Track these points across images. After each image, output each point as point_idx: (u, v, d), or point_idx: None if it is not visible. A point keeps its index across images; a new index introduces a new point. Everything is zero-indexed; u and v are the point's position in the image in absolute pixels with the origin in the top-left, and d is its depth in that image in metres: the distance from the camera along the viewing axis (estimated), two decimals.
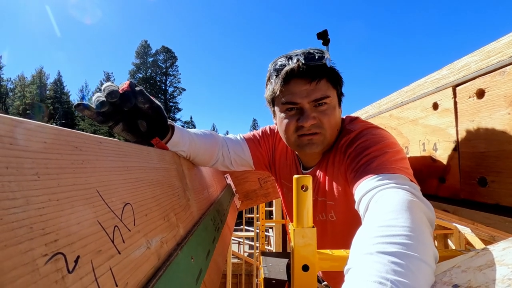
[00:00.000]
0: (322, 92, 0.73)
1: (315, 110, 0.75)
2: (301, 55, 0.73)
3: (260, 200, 1.96)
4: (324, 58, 0.73)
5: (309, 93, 0.73)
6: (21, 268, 0.21)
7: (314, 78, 0.72)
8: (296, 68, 0.73)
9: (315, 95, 0.73)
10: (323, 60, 0.73)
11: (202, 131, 0.93)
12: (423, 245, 0.38)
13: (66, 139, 0.32)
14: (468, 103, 0.67)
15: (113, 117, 0.62)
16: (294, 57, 0.74)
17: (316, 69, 0.72)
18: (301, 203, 0.53)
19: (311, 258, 0.53)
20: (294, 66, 0.73)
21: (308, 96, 0.73)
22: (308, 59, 0.72)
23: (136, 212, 0.41)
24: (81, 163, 0.33)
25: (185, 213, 0.65)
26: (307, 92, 0.73)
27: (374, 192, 0.55)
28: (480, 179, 0.65)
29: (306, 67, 0.72)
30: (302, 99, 0.73)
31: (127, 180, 0.42)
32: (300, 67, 0.72)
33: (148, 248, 0.40)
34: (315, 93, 0.73)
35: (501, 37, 0.58)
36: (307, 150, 0.78)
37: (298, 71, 0.72)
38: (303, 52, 0.74)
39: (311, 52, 0.74)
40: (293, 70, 0.73)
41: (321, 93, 0.73)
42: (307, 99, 0.73)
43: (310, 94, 0.73)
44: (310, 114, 0.74)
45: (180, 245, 0.51)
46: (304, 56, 0.73)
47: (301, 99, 0.74)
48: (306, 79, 0.73)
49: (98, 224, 0.31)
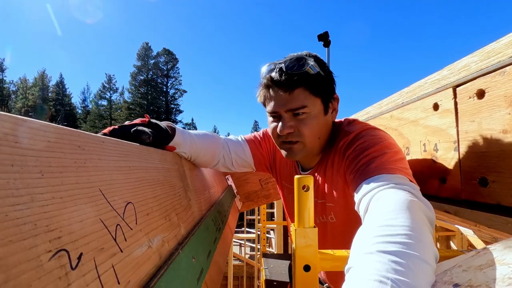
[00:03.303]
0: (299, 102, 0.73)
1: (293, 118, 0.75)
2: (284, 64, 0.73)
3: (261, 201, 1.96)
4: (305, 66, 0.72)
5: (286, 102, 0.74)
6: (25, 263, 0.21)
7: (290, 88, 0.73)
8: (275, 77, 0.73)
9: (291, 105, 0.73)
10: (304, 67, 0.72)
11: (204, 133, 0.94)
12: (423, 244, 0.38)
13: (69, 138, 0.32)
14: (469, 104, 0.68)
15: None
16: (277, 65, 0.74)
17: (292, 78, 0.72)
18: (302, 203, 0.53)
19: (313, 258, 0.53)
20: (274, 75, 0.74)
21: (285, 105, 0.74)
22: (288, 67, 0.72)
23: (137, 211, 0.41)
24: (83, 162, 0.33)
25: (186, 213, 0.66)
26: (284, 101, 0.74)
27: (373, 192, 0.55)
28: (481, 179, 0.65)
29: (284, 76, 0.72)
30: (280, 108, 0.75)
31: (129, 179, 0.43)
32: (278, 77, 0.73)
33: (149, 247, 0.41)
34: (292, 102, 0.73)
35: (501, 38, 0.58)
36: (288, 157, 0.81)
37: (276, 80, 0.73)
38: (286, 60, 0.75)
39: (293, 60, 0.73)
40: (272, 79, 0.74)
41: (297, 103, 0.73)
42: (283, 107, 0.74)
43: (287, 103, 0.73)
44: (287, 123, 0.75)
45: (181, 245, 0.52)
46: (286, 65, 0.73)
47: (279, 107, 0.75)
48: (283, 88, 0.73)
49: (101, 222, 0.31)
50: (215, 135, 0.97)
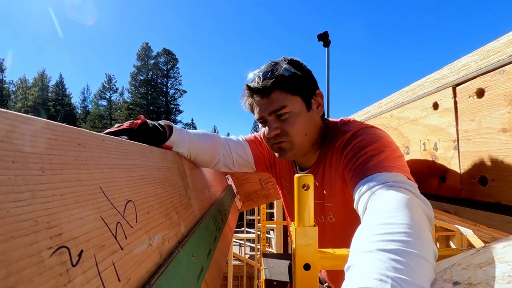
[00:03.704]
0: (277, 103, 0.76)
1: (278, 120, 0.78)
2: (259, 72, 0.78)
3: (261, 201, 1.96)
4: (277, 70, 0.76)
5: (266, 107, 0.77)
6: (27, 259, 0.21)
7: (266, 92, 0.76)
8: (252, 86, 0.78)
9: (271, 107, 0.77)
10: (276, 72, 0.76)
11: (203, 132, 0.94)
12: (422, 242, 0.39)
13: (70, 136, 0.32)
14: (468, 103, 0.68)
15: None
16: (256, 74, 0.79)
17: (268, 83, 0.75)
18: (302, 202, 0.53)
19: (313, 257, 0.53)
20: (251, 84, 0.78)
21: (266, 109, 0.77)
22: (263, 75, 0.76)
23: (138, 210, 0.41)
24: (84, 159, 0.33)
25: (187, 211, 0.66)
26: (264, 105, 0.78)
27: (372, 191, 0.55)
28: (481, 178, 0.65)
29: (259, 84, 0.76)
30: (262, 113, 0.79)
31: (129, 177, 0.43)
32: (255, 85, 0.77)
33: (150, 245, 0.41)
34: (271, 105, 0.77)
35: (501, 37, 0.58)
36: (280, 157, 0.83)
37: (254, 88, 0.77)
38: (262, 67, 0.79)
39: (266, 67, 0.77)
40: (250, 88, 0.79)
41: (276, 104, 0.76)
42: (265, 112, 0.78)
43: (267, 107, 0.77)
44: (272, 125, 0.78)
45: (182, 243, 0.52)
46: (261, 73, 0.77)
47: (262, 113, 0.79)
48: (260, 94, 0.77)
49: (101, 220, 0.32)
50: (215, 134, 0.97)
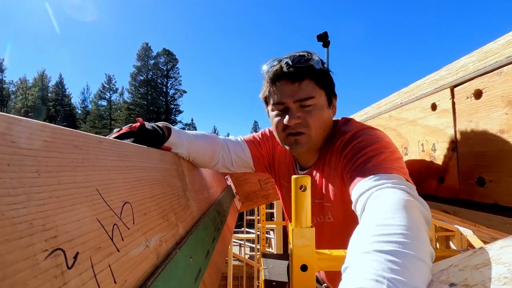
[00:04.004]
0: (306, 93, 0.75)
1: (300, 110, 0.77)
2: (289, 58, 0.76)
3: (261, 201, 1.96)
4: (311, 60, 0.76)
5: (293, 93, 0.76)
6: (22, 262, 0.21)
7: (297, 78, 0.75)
8: (282, 69, 0.76)
9: (299, 95, 0.75)
10: (309, 61, 0.75)
11: (202, 133, 0.94)
12: (419, 244, 0.39)
13: (66, 138, 0.32)
14: (466, 104, 0.68)
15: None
16: (283, 59, 0.77)
17: (300, 70, 0.75)
18: (299, 203, 0.53)
19: (310, 258, 0.53)
20: (281, 67, 0.76)
21: (293, 95, 0.76)
22: (294, 61, 0.76)
23: (135, 211, 0.41)
24: (81, 161, 0.33)
25: (185, 213, 0.66)
26: (292, 92, 0.76)
27: (370, 192, 0.55)
28: (478, 179, 0.65)
29: (291, 68, 0.75)
30: (287, 99, 0.76)
31: (126, 179, 0.43)
32: (286, 68, 0.75)
33: (147, 246, 0.41)
34: (299, 93, 0.75)
35: (498, 38, 0.58)
36: (294, 150, 0.81)
37: (284, 72, 0.76)
38: (292, 54, 0.78)
39: (299, 55, 0.77)
40: (278, 71, 0.77)
41: (305, 93, 0.75)
42: (291, 98, 0.76)
43: (295, 94, 0.76)
44: (295, 114, 0.76)
45: (179, 245, 0.52)
46: (292, 58, 0.76)
47: (286, 98, 0.76)
48: (291, 79, 0.76)
49: (98, 222, 0.32)
50: (214, 135, 0.97)
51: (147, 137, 0.73)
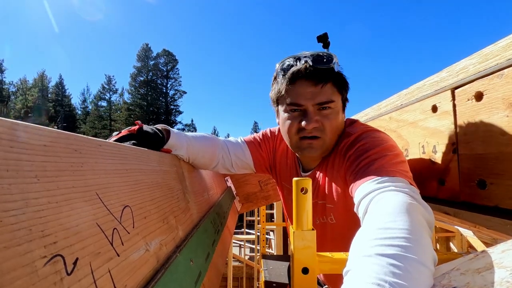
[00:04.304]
0: (327, 96, 0.73)
1: (318, 113, 0.74)
2: (310, 57, 0.73)
3: (261, 202, 1.96)
4: (332, 62, 0.73)
5: (314, 96, 0.72)
6: (20, 269, 0.21)
7: (320, 81, 0.72)
8: (303, 70, 0.72)
9: (320, 98, 0.72)
10: (331, 64, 0.73)
11: (202, 134, 0.94)
12: (422, 248, 0.38)
13: (65, 142, 0.32)
14: (467, 106, 0.68)
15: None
16: (302, 58, 0.73)
17: (322, 72, 0.72)
18: (300, 206, 0.53)
19: (311, 261, 0.53)
20: (301, 67, 0.72)
21: (313, 98, 0.73)
22: (316, 61, 0.72)
23: (135, 215, 0.41)
24: (80, 165, 0.33)
25: (185, 215, 0.66)
26: (312, 94, 0.72)
27: (373, 194, 0.55)
28: (479, 181, 0.65)
29: (313, 69, 0.72)
30: (307, 101, 0.73)
31: (126, 182, 0.43)
32: (307, 68, 0.72)
33: (147, 250, 0.40)
34: (320, 96, 0.72)
35: (499, 40, 0.58)
36: (306, 153, 0.79)
37: (305, 72, 0.72)
38: (312, 54, 0.74)
39: (320, 55, 0.73)
40: (300, 71, 0.73)
41: (326, 97, 0.73)
42: (311, 101, 0.73)
43: (315, 97, 0.72)
44: (313, 117, 0.73)
45: (179, 248, 0.51)
46: (313, 58, 0.72)
47: (306, 101, 0.73)
48: (312, 81, 0.72)
49: (97, 227, 0.31)
50: (214, 136, 0.97)
51: (147, 139, 0.72)
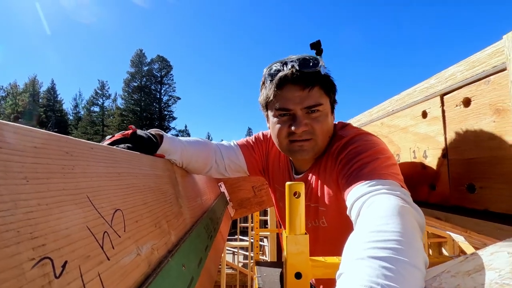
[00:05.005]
0: (315, 100, 0.74)
1: (307, 116, 0.75)
2: (296, 61, 0.73)
3: (255, 208, 1.95)
4: (319, 65, 0.74)
5: (302, 100, 0.73)
6: (7, 271, 0.20)
7: (307, 85, 0.73)
8: (290, 74, 0.73)
9: (308, 102, 0.73)
10: (317, 67, 0.73)
11: (195, 139, 0.94)
12: (413, 250, 0.39)
13: (57, 144, 0.32)
14: (456, 111, 0.69)
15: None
16: (289, 63, 0.74)
17: (309, 76, 0.73)
18: (293, 210, 0.53)
19: (304, 266, 0.53)
20: (288, 72, 0.73)
21: (301, 102, 0.73)
22: (302, 65, 0.73)
23: (126, 219, 0.41)
24: (71, 168, 0.33)
25: (177, 220, 0.65)
26: (300, 98, 0.73)
27: (365, 198, 0.55)
28: (469, 185, 0.66)
29: (300, 73, 0.72)
30: (295, 106, 0.74)
31: (118, 186, 0.42)
32: (294, 73, 0.73)
33: (138, 254, 0.40)
34: (308, 100, 0.73)
35: (485, 48, 0.60)
36: (297, 156, 0.79)
37: (292, 77, 0.73)
38: (298, 58, 0.75)
39: (306, 59, 0.74)
40: (287, 76, 0.73)
41: (314, 100, 0.73)
42: (300, 105, 0.74)
43: (303, 101, 0.73)
44: (302, 121, 0.74)
45: (172, 252, 0.51)
46: (299, 62, 0.73)
47: (294, 105, 0.74)
48: (300, 86, 0.73)
49: (88, 230, 0.31)
50: (207, 141, 0.97)
51: (140, 144, 0.72)
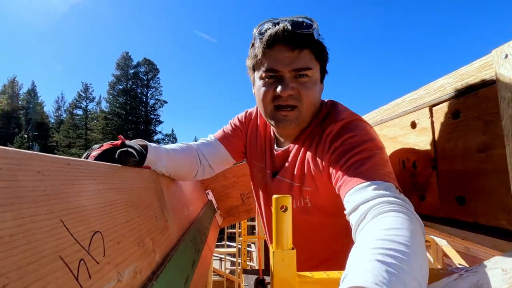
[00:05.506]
0: (304, 62, 0.70)
1: (295, 80, 0.71)
2: (289, 21, 0.69)
3: (243, 216, 1.92)
4: (312, 27, 0.70)
5: (291, 61, 0.69)
6: None
7: (297, 46, 0.69)
8: (281, 32, 0.68)
9: (297, 64, 0.69)
10: (310, 29, 0.69)
11: (178, 146, 0.91)
12: (419, 265, 0.39)
13: (26, 163, 0.29)
14: (445, 123, 0.70)
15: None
16: (281, 22, 0.70)
17: (301, 37, 0.69)
18: (280, 225, 0.51)
19: (291, 281, 0.51)
20: (279, 30, 0.69)
21: (290, 64, 0.69)
22: (295, 25, 0.69)
23: (106, 241, 0.37)
24: (43, 189, 0.29)
25: (163, 236, 0.62)
26: (289, 60, 0.69)
27: (369, 205, 0.54)
28: (458, 197, 0.66)
29: (291, 33, 0.68)
30: (284, 67, 0.70)
31: (97, 205, 0.39)
32: (285, 31, 0.68)
33: (119, 281, 0.37)
34: (297, 62, 0.69)
35: (473, 61, 0.61)
36: (280, 125, 0.76)
37: (283, 35, 0.68)
38: (292, 18, 0.71)
39: (300, 20, 0.70)
40: (277, 34, 0.69)
41: (303, 63, 0.70)
42: (288, 67, 0.70)
43: (292, 62, 0.69)
44: (289, 84, 0.70)
45: (156, 274, 0.48)
46: (292, 22, 0.69)
47: (283, 66, 0.70)
48: (290, 46, 0.69)
49: (60, 260, 0.28)
50: (189, 145, 0.94)
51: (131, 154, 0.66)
